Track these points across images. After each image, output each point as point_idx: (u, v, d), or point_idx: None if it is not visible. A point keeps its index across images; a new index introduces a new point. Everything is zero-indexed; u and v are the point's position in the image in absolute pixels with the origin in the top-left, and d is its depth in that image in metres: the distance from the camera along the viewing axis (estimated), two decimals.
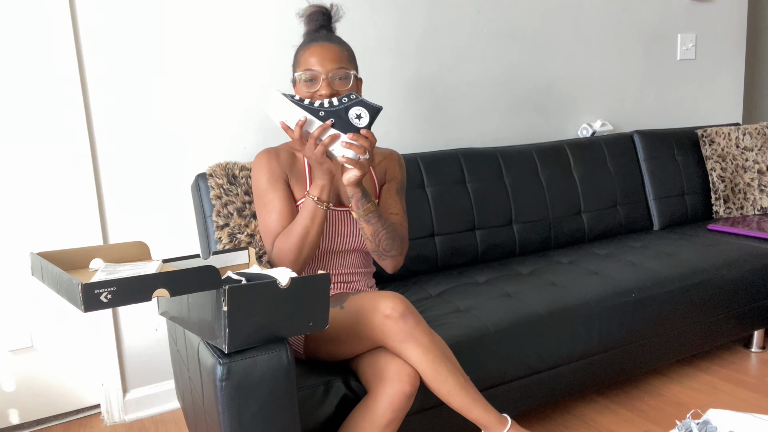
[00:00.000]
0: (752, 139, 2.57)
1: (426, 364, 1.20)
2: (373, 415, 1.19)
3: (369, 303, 1.23)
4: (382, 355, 1.24)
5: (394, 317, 1.18)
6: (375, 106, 1.29)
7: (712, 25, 2.97)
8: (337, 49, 1.38)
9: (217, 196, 1.70)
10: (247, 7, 1.93)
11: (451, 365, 1.23)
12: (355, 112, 1.28)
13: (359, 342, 1.25)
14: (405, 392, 1.19)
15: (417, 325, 1.20)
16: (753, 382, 1.92)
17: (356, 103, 1.28)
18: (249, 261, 1.34)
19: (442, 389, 1.22)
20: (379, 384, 1.21)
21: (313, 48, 1.38)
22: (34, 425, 1.88)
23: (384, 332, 1.20)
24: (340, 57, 1.37)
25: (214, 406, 1.07)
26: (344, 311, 1.28)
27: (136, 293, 0.90)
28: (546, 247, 2.19)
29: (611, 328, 1.67)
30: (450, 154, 2.07)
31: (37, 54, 1.74)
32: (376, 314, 1.20)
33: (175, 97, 1.87)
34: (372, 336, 1.22)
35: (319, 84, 1.36)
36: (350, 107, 1.27)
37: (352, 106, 1.27)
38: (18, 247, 1.79)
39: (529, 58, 2.46)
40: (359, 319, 1.23)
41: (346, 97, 1.28)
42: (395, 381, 1.19)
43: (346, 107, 1.27)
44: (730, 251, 2.02)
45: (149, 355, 1.94)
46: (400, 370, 1.20)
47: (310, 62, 1.36)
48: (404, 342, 1.19)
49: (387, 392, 1.19)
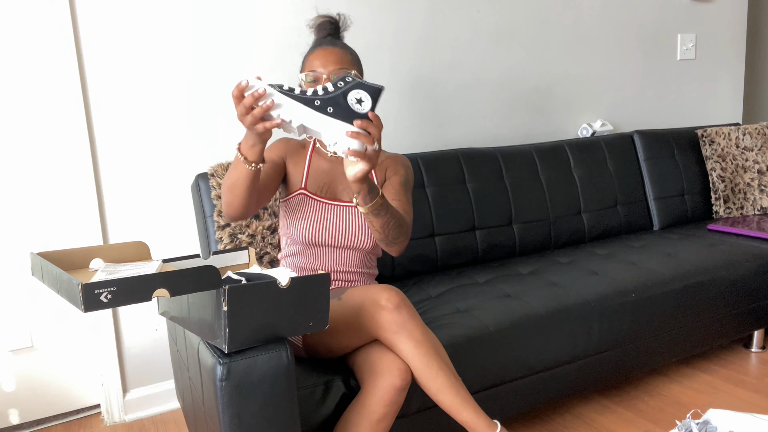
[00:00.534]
0: (752, 139, 2.57)
1: (417, 357, 1.21)
2: (366, 410, 1.20)
3: (365, 294, 1.25)
4: (376, 349, 1.25)
5: (388, 308, 1.20)
6: (375, 87, 1.15)
7: (712, 25, 2.97)
8: (340, 52, 1.41)
9: (218, 195, 1.70)
10: (247, 7, 1.93)
11: (443, 362, 1.23)
12: (355, 96, 1.14)
13: (355, 334, 1.26)
14: (396, 386, 1.19)
15: (411, 318, 1.21)
16: (753, 382, 1.92)
17: (354, 86, 1.14)
18: (249, 261, 1.34)
19: (432, 386, 1.22)
20: (371, 378, 1.22)
21: (317, 51, 1.42)
22: (34, 425, 1.88)
23: (378, 323, 1.21)
24: (343, 59, 1.41)
25: (214, 406, 1.08)
26: (341, 303, 1.30)
27: (136, 293, 0.90)
28: (546, 247, 2.19)
29: (611, 328, 1.67)
30: (450, 154, 2.07)
31: (37, 54, 1.74)
32: (372, 305, 1.22)
33: (176, 97, 1.87)
34: (367, 327, 1.23)
35: (321, 84, 1.36)
36: (348, 91, 1.13)
37: (350, 89, 1.14)
38: (18, 247, 1.79)
39: (529, 58, 2.47)
40: (355, 310, 1.24)
41: (341, 80, 1.15)
42: (386, 374, 1.20)
43: (344, 92, 1.13)
44: (730, 251, 2.02)
45: (149, 355, 1.94)
46: (391, 363, 1.21)
47: (314, 64, 1.40)
48: (397, 333, 1.20)
49: (378, 386, 1.20)
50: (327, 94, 1.13)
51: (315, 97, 1.13)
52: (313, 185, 1.47)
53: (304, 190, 1.46)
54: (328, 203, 1.45)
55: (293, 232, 1.45)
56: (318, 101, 1.13)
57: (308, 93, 1.13)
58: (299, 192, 1.46)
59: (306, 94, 1.13)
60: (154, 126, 1.85)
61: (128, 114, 1.82)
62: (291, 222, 1.45)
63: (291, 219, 1.46)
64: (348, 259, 1.48)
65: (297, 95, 1.13)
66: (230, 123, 1.95)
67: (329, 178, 1.48)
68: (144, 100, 1.83)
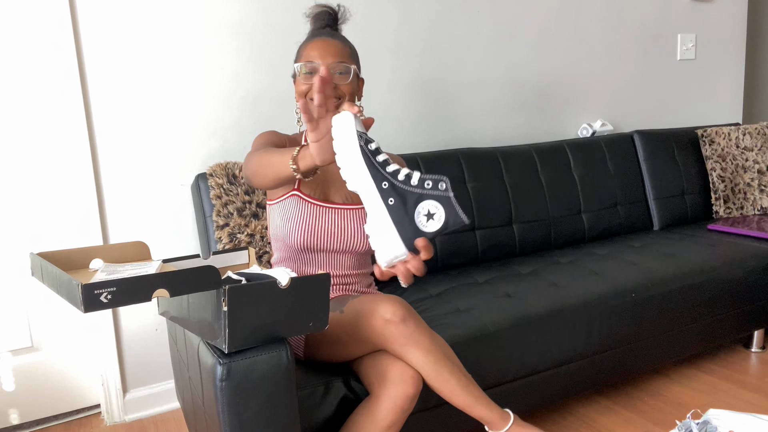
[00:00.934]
0: (752, 139, 2.57)
1: (428, 366, 1.20)
2: (376, 416, 1.19)
3: (369, 307, 1.22)
4: (384, 356, 1.23)
5: (394, 322, 1.18)
6: (460, 217, 0.90)
7: (712, 25, 2.97)
8: (339, 44, 1.36)
9: (217, 195, 1.70)
10: (248, 6, 1.93)
11: (453, 365, 1.23)
12: (428, 207, 0.90)
13: (360, 346, 1.25)
14: (408, 395, 1.19)
15: (417, 328, 1.19)
16: (753, 382, 1.92)
17: (440, 199, 0.90)
18: (249, 261, 1.34)
19: (445, 389, 1.22)
20: (382, 386, 1.20)
21: (315, 42, 1.36)
22: (34, 425, 1.88)
23: (385, 337, 1.19)
24: (342, 52, 1.35)
25: (214, 406, 1.07)
26: (344, 315, 1.27)
27: (136, 293, 0.90)
28: (546, 247, 2.19)
29: (611, 328, 1.67)
30: (450, 154, 2.07)
31: (37, 54, 1.74)
32: (377, 319, 1.19)
33: (176, 97, 1.87)
34: (373, 340, 1.21)
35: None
36: (430, 198, 0.90)
37: (434, 198, 0.90)
38: (18, 247, 1.79)
39: (529, 58, 2.46)
40: (359, 323, 1.22)
41: (431, 180, 0.91)
42: (398, 383, 1.19)
43: (425, 195, 0.90)
44: (730, 251, 2.02)
45: (149, 355, 1.94)
46: (403, 372, 1.20)
47: (311, 55, 1.34)
48: (406, 345, 1.19)
49: (390, 394, 1.19)
50: (403, 183, 0.91)
51: (386, 177, 0.91)
52: (306, 186, 1.40)
53: (297, 191, 1.39)
54: (323, 206, 1.39)
55: (287, 238, 1.38)
56: (386, 183, 0.91)
57: (388, 167, 0.92)
58: (292, 193, 1.39)
59: (384, 166, 0.92)
60: (154, 126, 1.85)
61: (128, 114, 1.82)
62: (284, 226, 1.38)
63: (283, 223, 1.38)
64: (344, 262, 1.44)
65: (373, 159, 0.92)
66: (230, 123, 1.95)
67: (321, 179, 1.42)
68: (144, 100, 1.83)
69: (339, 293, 1.46)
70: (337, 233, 1.39)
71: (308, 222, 1.37)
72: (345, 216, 1.40)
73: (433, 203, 0.90)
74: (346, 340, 1.26)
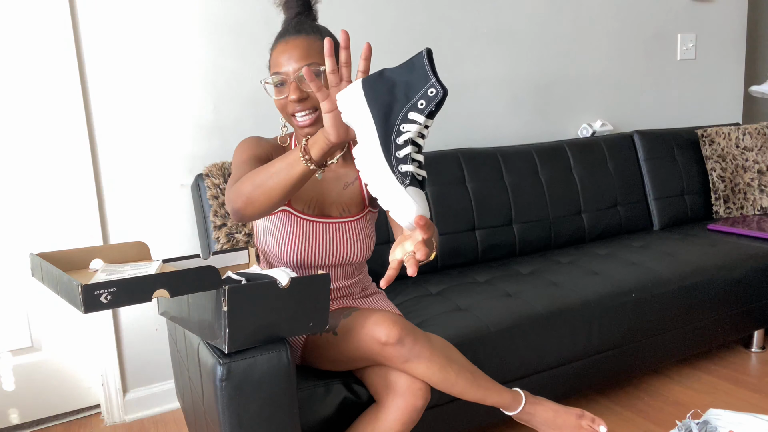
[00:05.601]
0: (752, 139, 2.57)
1: (434, 375, 1.19)
2: (383, 425, 1.18)
3: (362, 330, 1.17)
4: (390, 367, 1.21)
5: (390, 344, 1.14)
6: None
7: (712, 25, 2.97)
8: (304, 43, 1.19)
9: (213, 196, 1.70)
10: (248, 6, 1.93)
11: (458, 366, 1.22)
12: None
13: (359, 363, 1.23)
14: (417, 407, 1.18)
15: (415, 344, 1.16)
16: (753, 382, 1.92)
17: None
18: (249, 261, 1.34)
19: (455, 391, 1.22)
20: (389, 396, 1.19)
21: (280, 46, 1.21)
22: (34, 425, 1.88)
23: (385, 358, 1.17)
24: (309, 52, 1.18)
25: (214, 406, 1.07)
26: (339, 337, 1.23)
27: (136, 294, 0.90)
28: (546, 247, 2.19)
29: (611, 328, 1.67)
30: (450, 154, 2.07)
31: (37, 54, 1.74)
32: (373, 343, 1.16)
33: (176, 97, 1.87)
34: (372, 361, 1.20)
35: (289, 89, 1.19)
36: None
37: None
38: (18, 248, 1.79)
39: (529, 58, 2.46)
40: (355, 346, 1.19)
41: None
42: (407, 395, 1.17)
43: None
44: (730, 251, 2.02)
45: (149, 355, 1.94)
46: (411, 384, 1.18)
47: (279, 62, 1.20)
48: (407, 362, 1.17)
49: (398, 405, 1.17)
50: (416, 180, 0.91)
51: (401, 176, 0.90)
52: (298, 201, 1.28)
53: (287, 207, 1.27)
54: (316, 221, 1.28)
55: (277, 253, 1.29)
56: (398, 175, 0.90)
57: (400, 150, 0.90)
58: (281, 209, 1.28)
59: (395, 147, 0.90)
60: (154, 126, 1.85)
61: (128, 114, 1.82)
62: (272, 240, 1.29)
63: (272, 237, 1.29)
64: (339, 273, 1.36)
65: (392, 154, 0.90)
66: (230, 123, 1.95)
67: (316, 193, 1.30)
68: (144, 100, 1.83)
69: (335, 306, 1.38)
70: (333, 248, 1.30)
71: (299, 239, 1.27)
72: (341, 229, 1.31)
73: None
74: (345, 361, 1.25)
